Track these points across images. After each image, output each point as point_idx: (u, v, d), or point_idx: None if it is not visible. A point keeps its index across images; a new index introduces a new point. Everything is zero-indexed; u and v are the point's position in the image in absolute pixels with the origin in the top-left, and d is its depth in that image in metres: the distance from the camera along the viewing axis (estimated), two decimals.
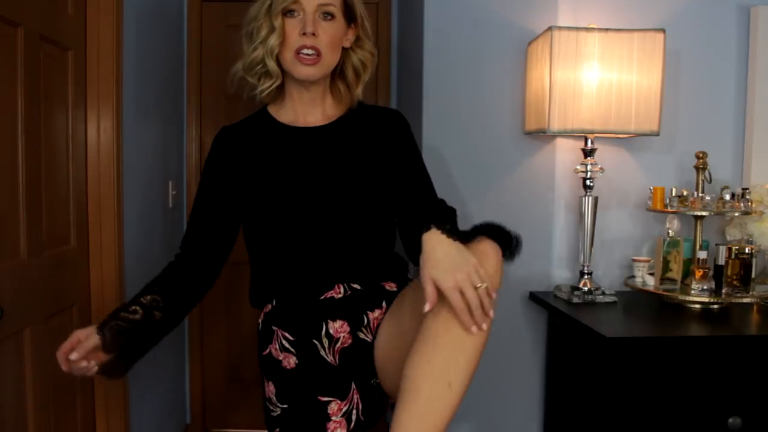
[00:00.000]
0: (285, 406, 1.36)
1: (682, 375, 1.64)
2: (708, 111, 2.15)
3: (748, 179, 2.10)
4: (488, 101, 2.13)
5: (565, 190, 2.14)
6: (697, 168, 1.94)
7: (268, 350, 1.40)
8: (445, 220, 1.22)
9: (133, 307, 1.31)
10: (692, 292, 1.83)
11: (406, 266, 1.48)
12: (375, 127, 1.46)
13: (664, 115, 2.00)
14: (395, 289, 1.41)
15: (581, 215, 1.99)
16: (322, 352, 1.35)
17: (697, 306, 1.86)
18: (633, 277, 2.02)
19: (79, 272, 1.87)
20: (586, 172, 1.96)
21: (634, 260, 2.01)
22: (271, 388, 1.39)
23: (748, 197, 1.88)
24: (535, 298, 2.09)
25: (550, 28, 1.85)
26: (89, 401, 1.94)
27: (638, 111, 1.85)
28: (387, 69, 2.98)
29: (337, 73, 1.45)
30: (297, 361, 1.35)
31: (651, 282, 1.94)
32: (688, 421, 1.64)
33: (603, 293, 1.97)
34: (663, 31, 1.86)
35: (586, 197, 1.97)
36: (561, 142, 2.13)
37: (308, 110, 1.44)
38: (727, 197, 1.88)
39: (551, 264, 2.15)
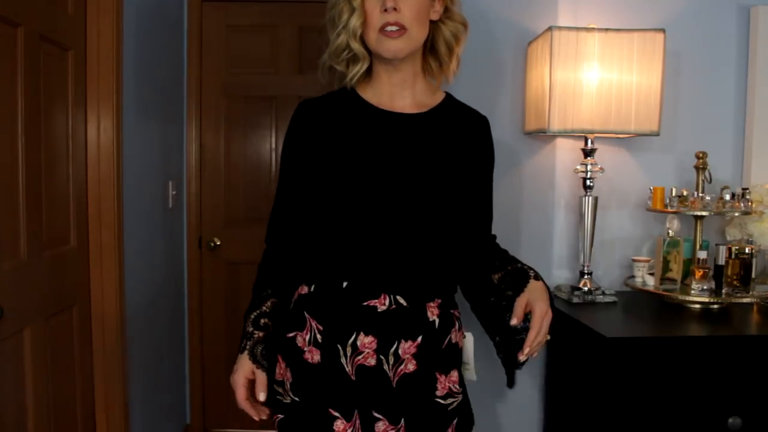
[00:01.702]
0: (297, 399, 1.30)
1: (682, 375, 1.64)
2: (708, 111, 2.15)
3: (748, 179, 2.10)
4: (488, 101, 2.13)
5: (565, 190, 2.14)
6: (697, 168, 1.94)
7: (294, 334, 1.31)
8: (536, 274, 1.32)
9: (263, 321, 1.29)
10: (692, 292, 1.83)
11: (455, 286, 1.40)
12: (467, 130, 1.40)
13: (664, 115, 2.00)
14: (437, 317, 1.32)
15: (581, 215, 1.99)
16: (343, 360, 1.27)
17: (697, 306, 1.86)
18: (633, 277, 2.02)
19: (79, 272, 1.87)
20: (586, 172, 1.96)
21: (634, 260, 2.01)
22: (288, 375, 1.31)
23: (748, 197, 1.88)
24: None
25: (550, 28, 1.85)
26: (89, 401, 1.94)
27: (638, 111, 1.85)
28: None
29: (428, 50, 1.36)
30: (320, 360, 1.28)
31: (651, 282, 1.94)
32: (688, 421, 1.64)
33: (603, 293, 1.97)
34: (663, 31, 1.86)
35: (586, 197, 1.97)
36: (561, 142, 2.13)
37: (398, 92, 1.34)
38: (727, 197, 1.88)
39: (551, 264, 2.15)
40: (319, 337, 1.28)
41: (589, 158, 1.97)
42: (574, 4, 2.10)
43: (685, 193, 1.91)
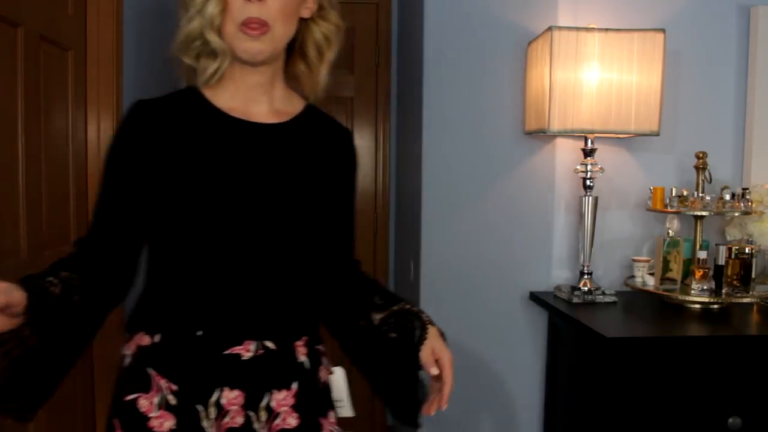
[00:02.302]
0: None
1: (682, 375, 1.64)
2: (708, 111, 2.15)
3: (748, 179, 2.10)
4: (488, 101, 2.13)
5: (565, 190, 2.14)
6: (697, 168, 1.94)
7: (134, 397, 1.05)
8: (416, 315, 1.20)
9: (50, 278, 0.98)
10: (692, 292, 1.83)
11: (319, 320, 1.22)
12: (329, 143, 1.20)
13: (664, 115, 2.00)
14: (305, 356, 1.14)
15: (581, 215, 1.99)
16: (205, 423, 1.06)
17: (697, 306, 1.86)
18: (633, 277, 2.02)
19: None
20: (586, 172, 1.96)
21: (634, 260, 2.01)
22: None
23: (748, 197, 1.88)
24: (535, 298, 2.09)
25: (550, 28, 1.85)
26: (89, 401, 1.94)
27: (638, 111, 1.85)
28: (387, 69, 2.98)
29: (297, 51, 1.17)
30: (175, 427, 1.04)
31: (651, 282, 1.94)
32: (688, 421, 1.64)
33: (603, 293, 1.97)
34: (663, 31, 1.86)
35: (586, 197, 1.97)
36: (561, 142, 2.13)
37: (253, 97, 1.14)
38: (727, 197, 1.88)
39: (551, 264, 2.15)
40: (171, 398, 1.05)
41: (589, 158, 1.97)
42: (574, 4, 2.09)
43: (685, 193, 1.91)
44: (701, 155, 1.93)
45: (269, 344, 1.09)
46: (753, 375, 1.65)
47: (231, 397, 1.07)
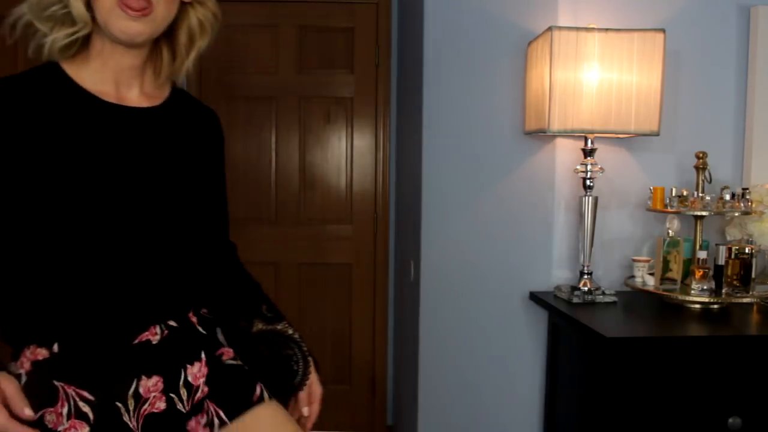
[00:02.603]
0: None
1: (682, 375, 1.64)
2: (708, 111, 2.15)
3: (748, 179, 2.10)
4: (488, 101, 2.13)
5: (565, 190, 2.14)
6: (697, 168, 1.94)
7: (40, 414, 0.98)
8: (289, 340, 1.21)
9: None
10: (692, 292, 1.83)
11: (197, 291, 1.20)
12: (199, 126, 1.19)
13: (664, 115, 2.00)
14: (200, 327, 1.14)
15: (581, 215, 1.99)
16: (126, 417, 1.02)
17: (697, 306, 1.86)
18: (633, 277, 2.02)
19: None
20: (586, 172, 1.96)
21: (634, 260, 2.01)
22: None
23: (748, 197, 1.88)
24: (535, 298, 2.09)
25: (550, 28, 1.85)
26: None
27: (638, 111, 1.85)
28: (387, 69, 2.98)
29: (163, 35, 1.09)
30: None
31: (651, 282, 1.94)
32: (688, 421, 1.64)
33: (603, 293, 1.97)
34: (663, 31, 1.86)
35: (586, 197, 1.97)
36: (561, 142, 2.13)
37: (125, 80, 1.07)
38: (727, 197, 1.88)
39: (551, 264, 2.15)
40: (83, 405, 1.00)
41: (589, 158, 1.97)
42: (574, 4, 2.10)
43: (685, 193, 1.91)
44: (701, 155, 1.93)
45: (171, 323, 1.09)
46: (753, 375, 1.65)
47: (150, 384, 1.05)
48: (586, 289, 1.97)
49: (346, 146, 3.03)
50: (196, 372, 1.10)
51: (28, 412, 0.95)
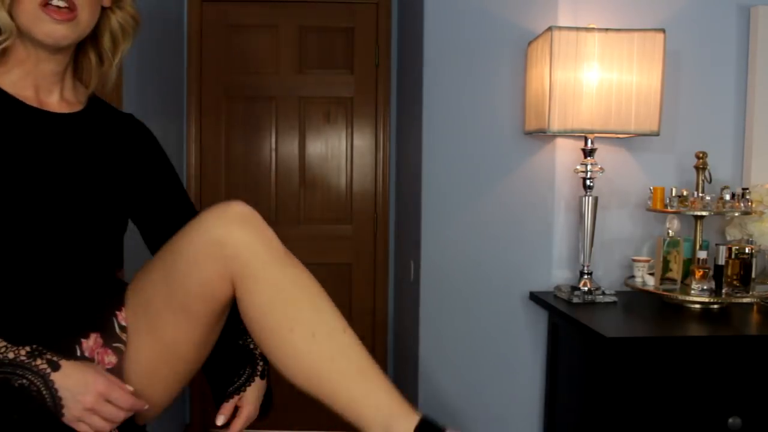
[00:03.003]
0: None
1: (682, 375, 1.64)
2: (708, 111, 2.15)
3: (748, 179, 2.10)
4: (488, 101, 2.13)
5: (565, 190, 2.14)
6: (697, 168, 1.94)
7: None
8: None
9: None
10: (692, 292, 1.83)
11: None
12: (119, 132, 1.18)
13: (664, 115, 2.00)
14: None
15: (581, 215, 1.99)
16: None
17: (697, 306, 1.86)
18: (633, 277, 2.02)
19: None
20: (586, 172, 1.96)
21: (634, 260, 2.01)
22: None
23: (748, 197, 1.88)
24: (535, 298, 2.09)
25: (550, 28, 1.85)
26: None
27: (638, 111, 1.85)
28: (387, 69, 2.98)
29: (89, 41, 1.11)
30: None
31: (651, 282, 1.94)
32: (688, 421, 1.64)
33: (603, 293, 1.97)
34: (663, 31, 1.86)
35: (586, 197, 1.97)
36: (561, 142, 2.13)
37: (46, 86, 1.07)
38: (727, 197, 1.88)
39: (551, 264, 2.15)
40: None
41: (589, 158, 1.97)
42: (574, 4, 2.09)
43: (685, 193, 1.91)
44: (701, 155, 1.93)
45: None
46: (753, 375, 1.65)
47: (90, 344, 1.05)
48: (586, 289, 1.97)
49: (346, 146, 3.03)
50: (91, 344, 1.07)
51: (129, 387, 1.01)
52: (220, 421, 1.16)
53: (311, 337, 1.01)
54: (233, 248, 1.01)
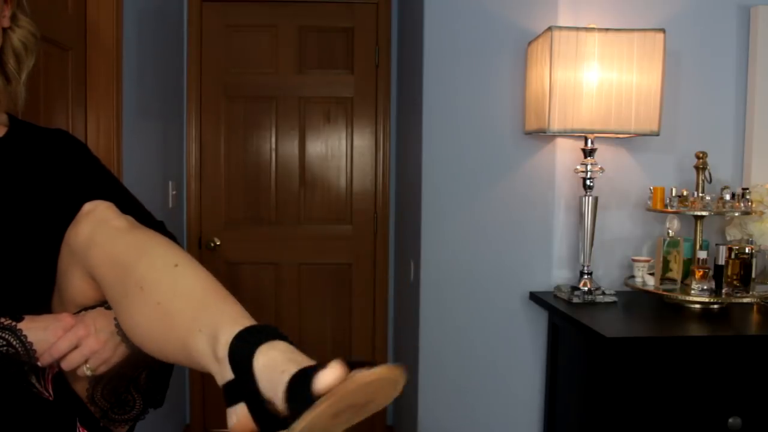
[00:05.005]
0: None
1: (682, 375, 1.64)
2: (708, 111, 2.15)
3: (748, 179, 2.10)
4: (488, 101, 2.13)
5: (565, 190, 2.14)
6: (697, 168, 1.94)
7: None
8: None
9: None
10: (692, 292, 1.83)
11: None
12: (52, 153, 1.12)
13: (664, 115, 2.00)
14: None
15: (581, 215, 1.99)
16: (37, 388, 0.98)
17: (697, 306, 1.86)
18: (633, 277, 2.02)
19: None
20: (586, 172, 1.96)
21: (634, 260, 2.01)
22: None
23: (748, 197, 1.88)
24: (535, 298, 2.09)
25: (550, 28, 1.85)
26: None
27: (638, 111, 1.85)
28: (387, 69, 2.98)
29: None
30: None
31: (651, 282, 1.94)
32: (688, 421, 1.64)
33: (603, 293, 1.97)
34: (663, 31, 1.86)
35: (586, 197, 1.97)
36: (561, 142, 2.13)
37: None
38: (727, 197, 1.88)
39: (551, 264, 2.15)
40: None
41: (589, 158, 1.97)
42: (574, 4, 2.10)
43: (685, 193, 1.91)
44: (701, 155, 1.93)
45: None
46: (753, 375, 1.65)
47: None
48: (586, 289, 1.97)
49: (346, 146, 3.03)
50: None
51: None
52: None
53: (140, 292, 0.87)
54: (78, 246, 0.95)
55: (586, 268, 1.99)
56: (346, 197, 3.04)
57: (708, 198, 1.89)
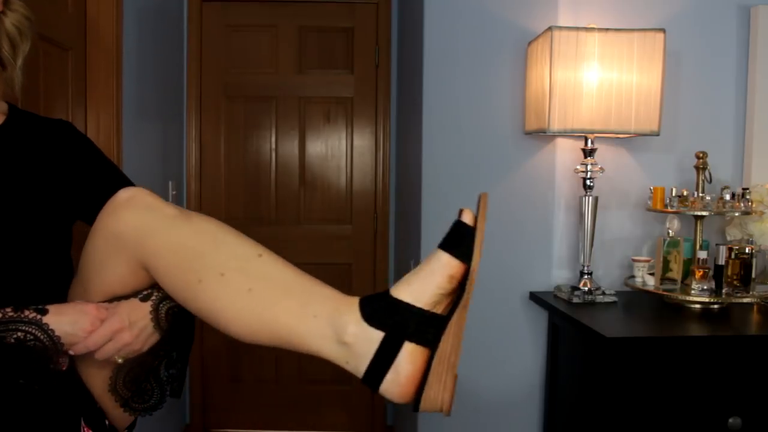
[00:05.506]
0: None
1: (682, 375, 1.64)
2: (708, 111, 2.15)
3: (748, 179, 2.10)
4: (488, 101, 2.13)
5: (565, 190, 2.14)
6: (697, 168, 1.94)
7: None
8: None
9: None
10: (692, 292, 1.83)
11: None
12: (49, 139, 1.11)
13: (664, 115, 2.00)
14: None
15: (581, 215, 1.99)
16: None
17: (697, 306, 1.86)
18: (633, 277, 2.02)
19: None
20: (586, 172, 1.96)
21: (634, 260, 2.01)
22: None
23: (748, 197, 1.88)
24: (535, 298, 2.09)
25: (550, 28, 1.85)
26: None
27: (638, 111, 1.85)
28: (387, 69, 2.98)
29: None
30: None
31: (651, 282, 1.94)
32: (688, 421, 1.64)
33: (603, 293, 1.97)
34: (663, 31, 1.86)
35: (586, 197, 1.97)
36: (561, 142, 2.13)
37: None
38: (727, 197, 1.88)
39: (551, 264, 2.15)
40: None
41: (589, 158, 1.97)
42: (574, 4, 2.10)
43: (685, 193, 1.91)
44: (701, 155, 1.93)
45: None
46: (753, 375, 1.65)
47: None
48: (586, 289, 1.97)
49: (346, 146, 3.03)
50: None
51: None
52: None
53: (220, 278, 0.92)
54: (127, 234, 0.95)
55: (586, 268, 1.99)
56: (346, 197, 3.04)
57: (708, 198, 1.89)
